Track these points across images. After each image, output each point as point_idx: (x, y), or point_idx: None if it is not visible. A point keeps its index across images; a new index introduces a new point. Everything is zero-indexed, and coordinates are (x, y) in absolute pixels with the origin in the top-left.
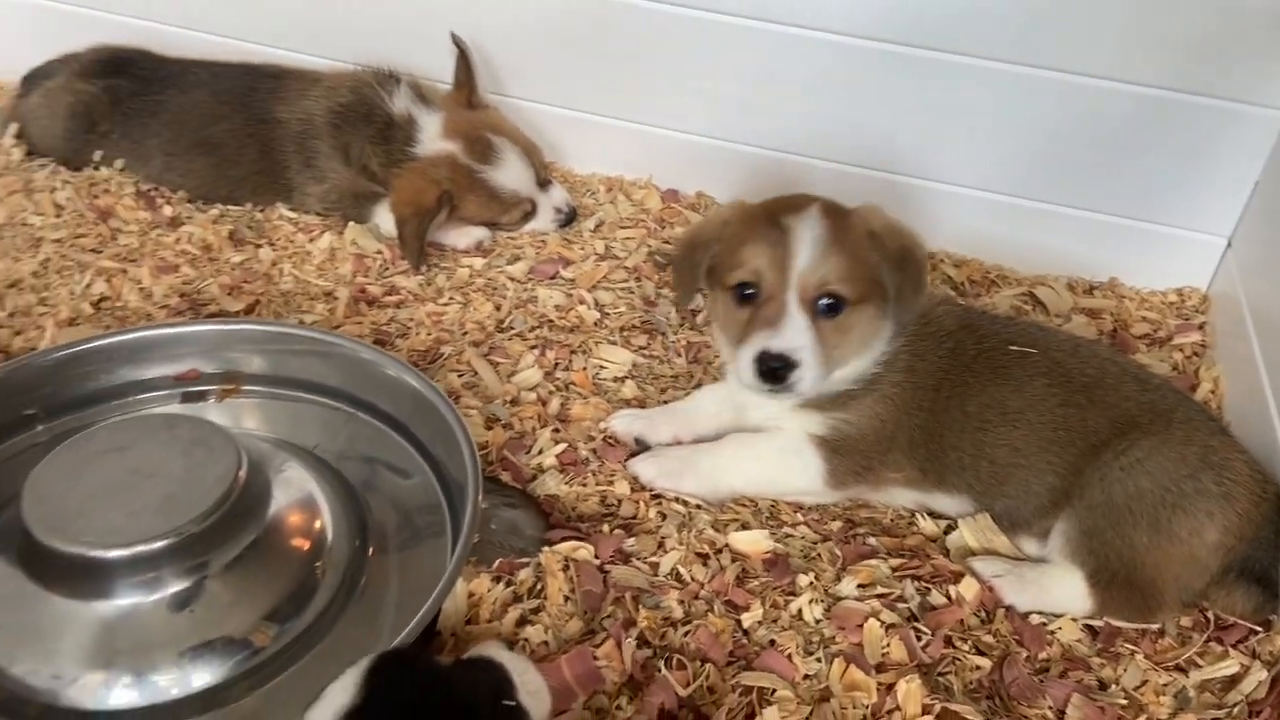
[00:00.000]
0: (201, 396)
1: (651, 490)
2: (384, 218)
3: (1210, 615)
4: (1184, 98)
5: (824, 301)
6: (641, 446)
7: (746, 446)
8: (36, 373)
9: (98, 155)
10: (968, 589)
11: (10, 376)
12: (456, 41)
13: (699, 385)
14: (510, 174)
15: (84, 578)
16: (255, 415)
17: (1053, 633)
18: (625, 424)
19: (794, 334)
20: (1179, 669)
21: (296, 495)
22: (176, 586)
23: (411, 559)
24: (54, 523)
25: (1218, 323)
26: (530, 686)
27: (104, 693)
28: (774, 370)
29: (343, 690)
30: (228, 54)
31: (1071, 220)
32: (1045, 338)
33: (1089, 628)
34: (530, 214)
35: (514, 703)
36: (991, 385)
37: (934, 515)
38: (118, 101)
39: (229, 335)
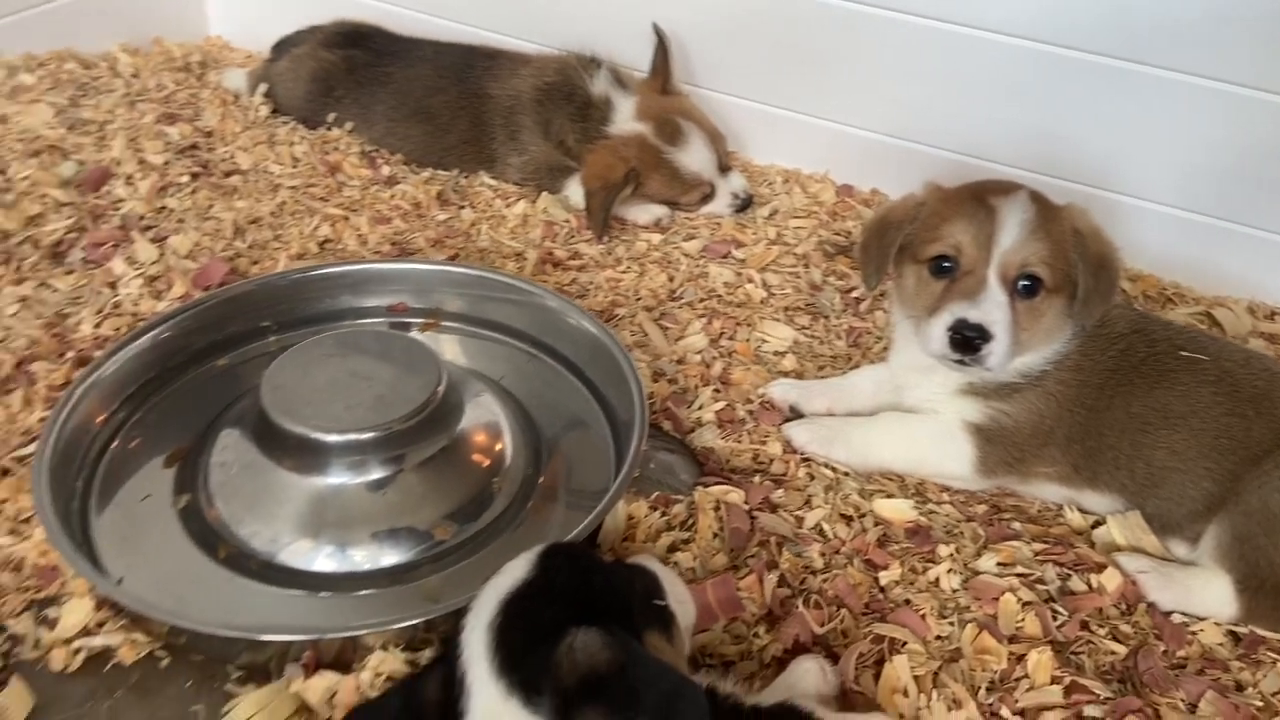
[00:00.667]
0: (407, 327)
1: (803, 454)
2: (574, 190)
3: None
4: None
5: (1023, 282)
6: (795, 414)
7: (900, 424)
8: (274, 292)
9: (331, 117)
10: (1110, 580)
11: (253, 293)
12: (657, 31)
13: (857, 367)
14: (694, 157)
15: (305, 455)
16: (453, 347)
17: (1194, 633)
18: (782, 391)
19: (992, 307)
20: None
21: (484, 417)
22: (378, 474)
23: (577, 487)
24: (286, 407)
25: None
26: (678, 596)
27: (310, 557)
28: (968, 340)
29: (518, 567)
30: (448, 36)
31: (1257, 242)
32: (1217, 347)
33: (1232, 634)
34: (709, 196)
35: (663, 604)
36: (1158, 389)
37: (1082, 511)
38: (353, 70)
39: (436, 276)
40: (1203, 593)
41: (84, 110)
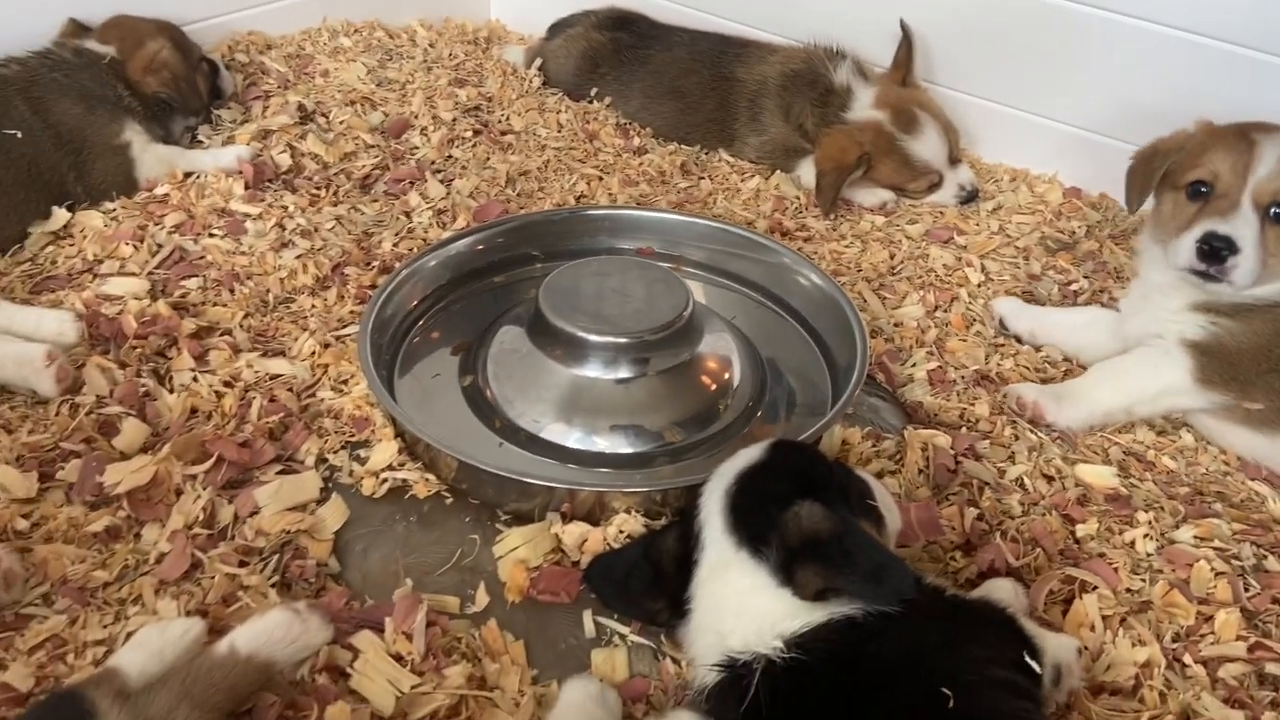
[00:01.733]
0: None
1: (1019, 417)
2: (807, 170)
3: None
4: None
5: (1276, 209)
6: (1003, 329)
7: (1112, 363)
8: (544, 226)
9: (594, 91)
10: None
11: (528, 225)
12: (903, 27)
13: None
14: (926, 146)
15: (570, 349)
16: (695, 289)
17: None
18: (1002, 303)
19: (1243, 224)
20: None
21: (719, 347)
22: (626, 373)
23: (795, 422)
24: (559, 308)
25: None
26: (887, 502)
27: (565, 436)
28: (1215, 250)
29: (751, 451)
30: (706, 27)
31: None
32: None
33: None
34: (936, 185)
35: (874, 503)
36: None
37: None
38: (618, 50)
39: (682, 226)
40: None
41: (390, 71)
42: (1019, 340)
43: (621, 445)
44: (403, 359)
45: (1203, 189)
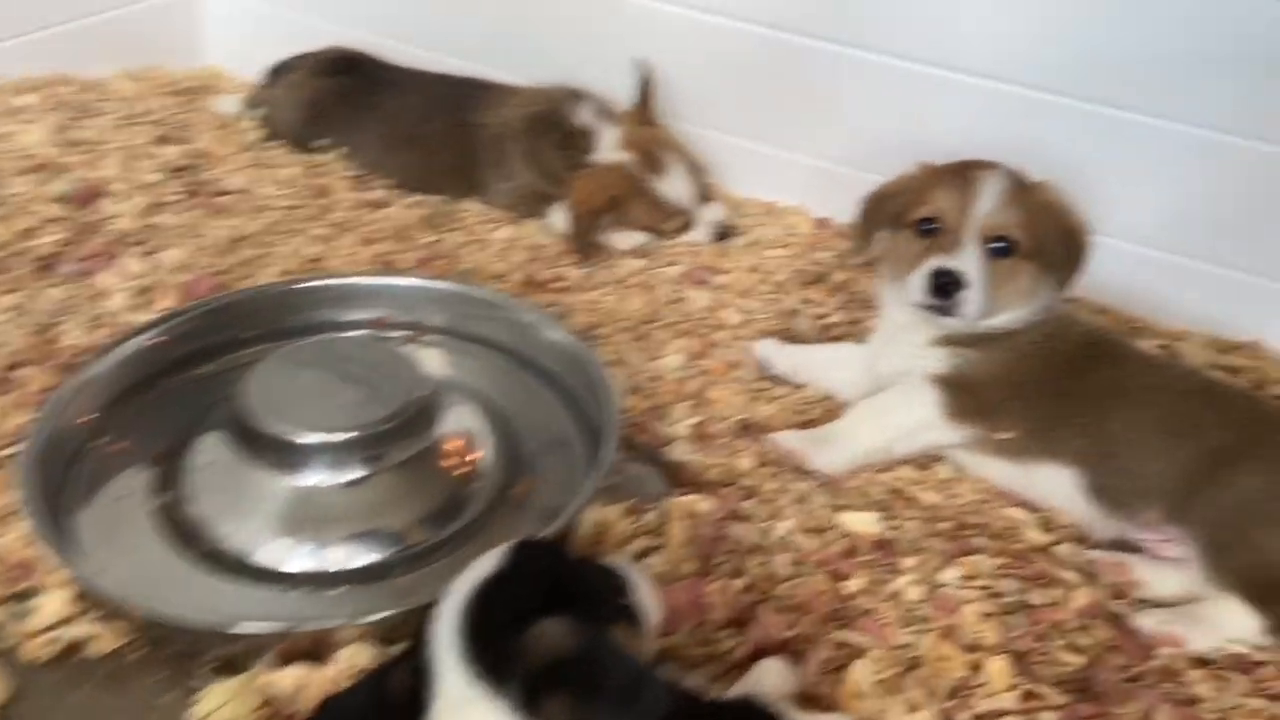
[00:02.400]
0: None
1: (782, 465)
2: (559, 216)
3: None
4: None
5: (997, 244)
6: (764, 370)
7: (868, 403)
8: (259, 303)
9: (323, 142)
10: (1072, 595)
11: (238, 304)
12: (641, 66)
13: None
14: (674, 186)
15: (284, 455)
16: (436, 360)
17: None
18: (762, 346)
19: (968, 259)
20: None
21: (462, 425)
22: (354, 474)
23: (550, 498)
24: (267, 408)
25: None
26: (646, 595)
27: (286, 556)
28: (944, 286)
29: (489, 560)
30: (439, 69)
31: (1219, 279)
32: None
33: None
34: (688, 225)
35: (630, 601)
36: (1115, 368)
37: (1042, 528)
38: (346, 96)
39: (416, 290)
40: (1226, 621)
41: (80, 130)
42: (781, 381)
43: (356, 557)
44: (86, 479)
45: (929, 226)
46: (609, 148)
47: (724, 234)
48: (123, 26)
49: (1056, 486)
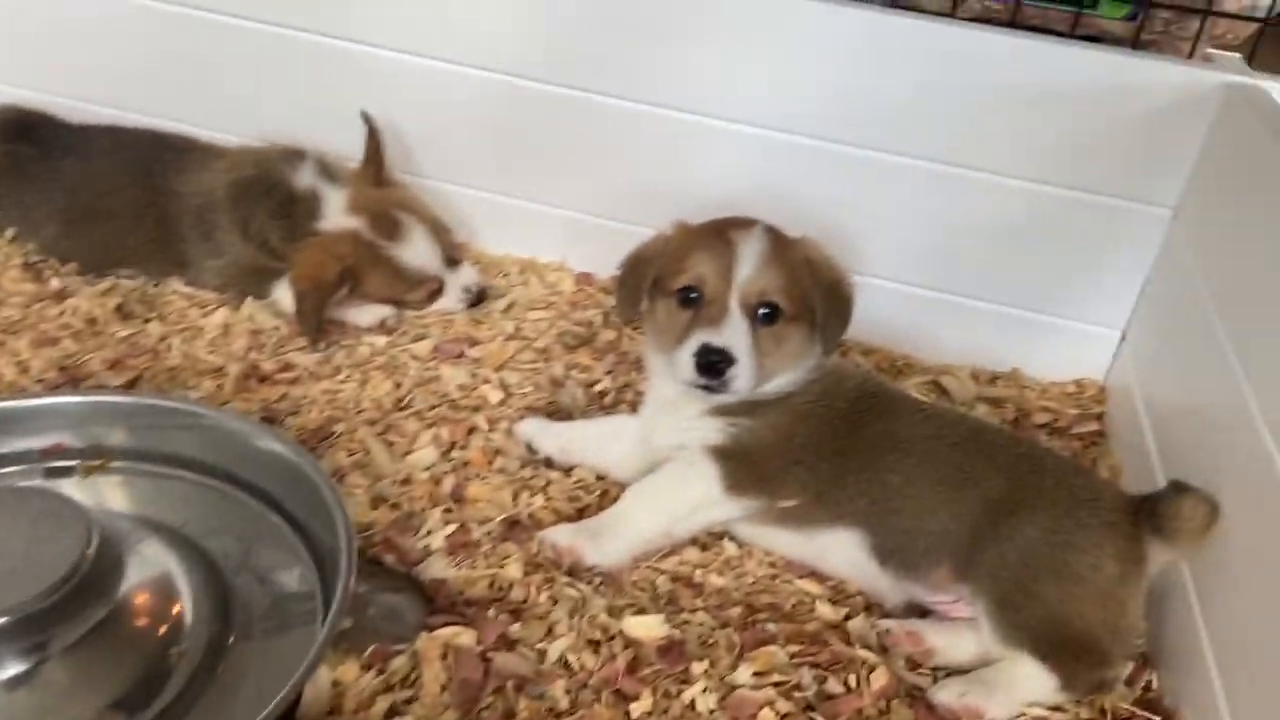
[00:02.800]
0: (68, 472)
1: (556, 567)
2: (283, 293)
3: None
4: (1079, 195)
5: (763, 310)
6: (532, 453)
7: (644, 482)
8: None
9: None
10: (869, 678)
11: None
12: (366, 119)
13: None
14: (416, 252)
15: None
16: (121, 492)
17: None
18: (526, 425)
19: (734, 333)
20: None
21: (152, 574)
22: (13, 669)
23: (278, 647)
24: None
25: (1113, 412)
26: None
27: None
28: (712, 364)
29: None
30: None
31: (976, 312)
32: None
33: None
34: (437, 293)
35: None
36: (887, 420)
37: (832, 602)
38: (18, 165)
39: (93, 408)
40: (1020, 682)
41: None
42: (549, 464)
43: None
44: None
45: (692, 295)
46: (336, 212)
47: (478, 299)
48: None
49: (844, 551)
